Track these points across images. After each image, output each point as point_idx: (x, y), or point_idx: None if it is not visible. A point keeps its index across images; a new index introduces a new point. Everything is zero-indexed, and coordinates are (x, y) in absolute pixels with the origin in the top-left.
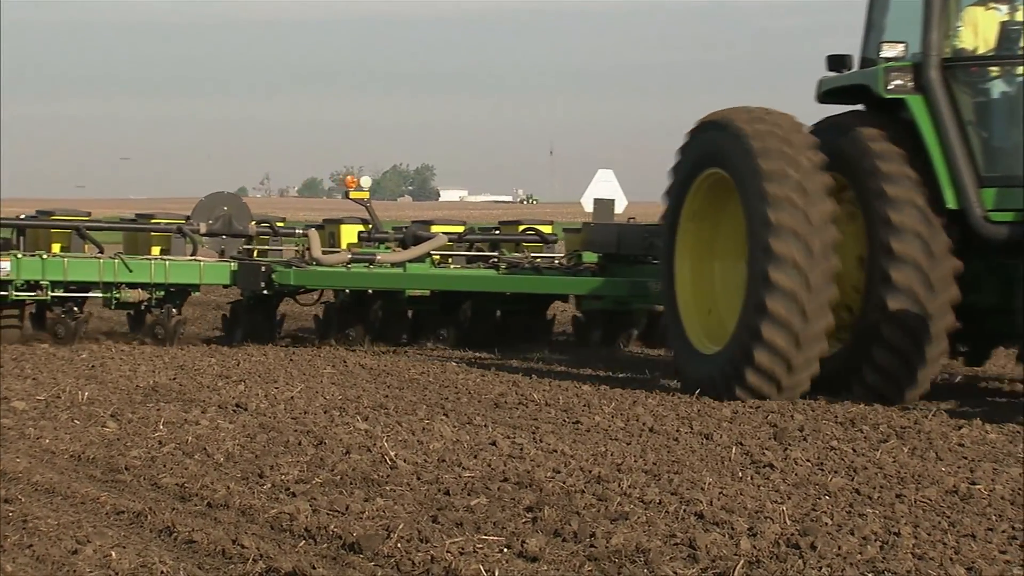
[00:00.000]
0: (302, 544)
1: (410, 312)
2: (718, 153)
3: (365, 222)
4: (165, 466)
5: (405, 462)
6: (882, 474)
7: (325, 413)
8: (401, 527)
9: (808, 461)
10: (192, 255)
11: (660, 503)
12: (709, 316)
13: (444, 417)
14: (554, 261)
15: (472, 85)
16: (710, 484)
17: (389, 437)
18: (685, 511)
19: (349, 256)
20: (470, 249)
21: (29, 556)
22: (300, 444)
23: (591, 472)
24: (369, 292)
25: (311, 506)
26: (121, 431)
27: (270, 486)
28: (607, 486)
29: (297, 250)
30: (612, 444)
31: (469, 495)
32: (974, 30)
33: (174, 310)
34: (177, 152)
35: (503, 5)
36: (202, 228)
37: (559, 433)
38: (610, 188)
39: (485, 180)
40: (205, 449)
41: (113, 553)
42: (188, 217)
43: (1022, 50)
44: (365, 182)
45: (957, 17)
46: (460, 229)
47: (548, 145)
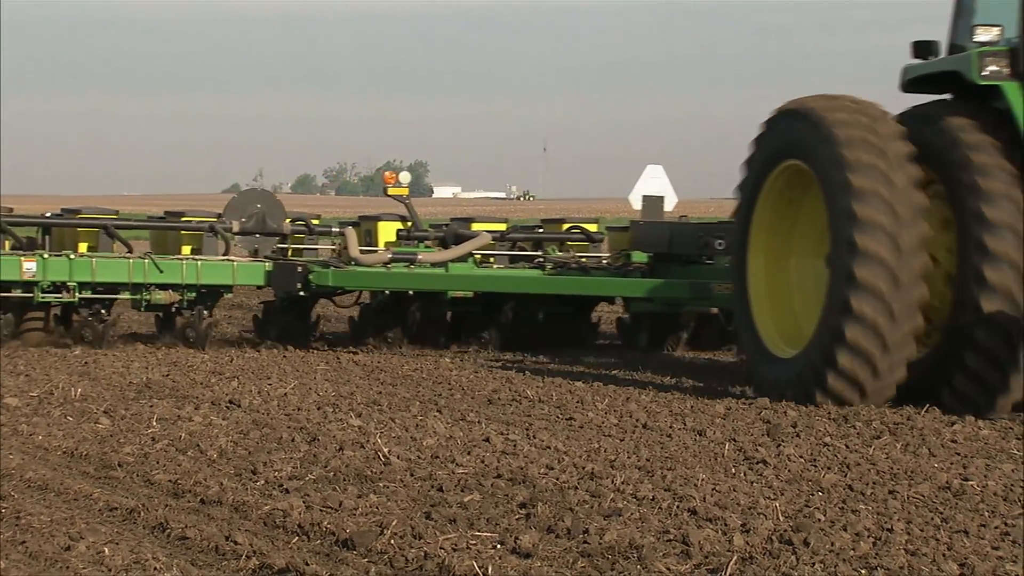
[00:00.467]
0: (295, 540)
1: (448, 314)
2: (798, 143)
3: (404, 219)
4: (158, 463)
5: (398, 458)
6: (875, 470)
7: (318, 409)
8: (394, 523)
9: (801, 457)
10: (224, 255)
11: (653, 499)
12: (785, 317)
13: (437, 413)
14: (601, 261)
15: (465, 82)
16: (703, 480)
17: (382, 433)
18: (678, 507)
19: (389, 256)
20: (513, 248)
21: (22, 553)
22: (293, 440)
23: (584, 468)
24: (410, 293)
25: (304, 502)
26: (114, 427)
27: (263, 482)
28: (600, 482)
29: (333, 249)
30: (605, 440)
31: (462, 491)
32: None
33: (205, 312)
34: (173, 149)
35: (498, 1)
36: (235, 226)
37: (552, 429)
38: (659, 184)
39: (478, 177)
40: (198, 446)
41: (106, 549)
42: (220, 215)
43: None
44: (404, 178)
45: None
46: (502, 227)
47: (541, 142)
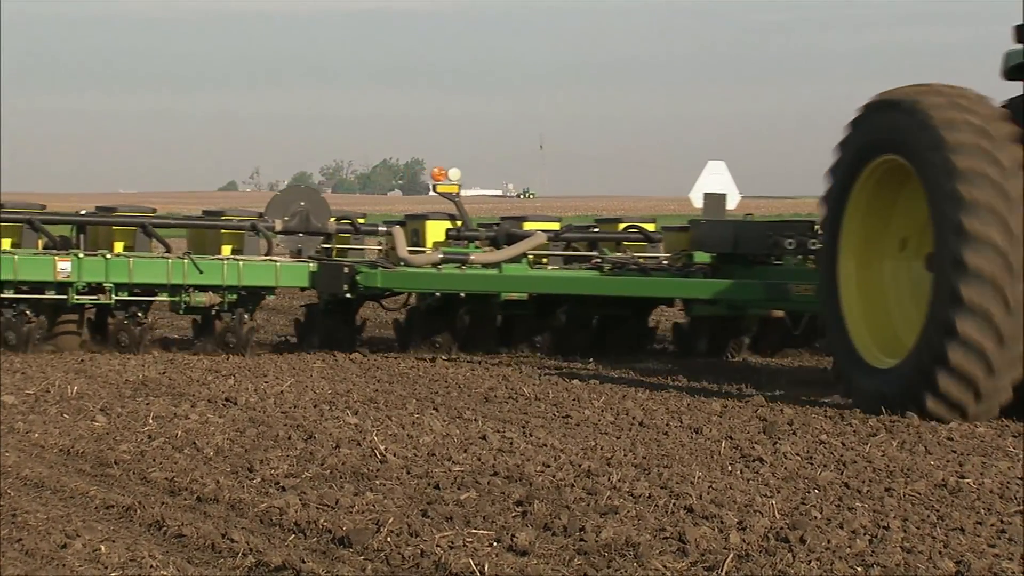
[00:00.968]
0: (292, 538)
1: (499, 317)
2: (897, 138)
3: (453, 218)
4: (155, 460)
5: (395, 456)
6: (871, 468)
7: (315, 407)
8: (391, 521)
9: (798, 455)
10: (266, 255)
11: (650, 497)
12: (880, 324)
13: (434, 411)
14: (660, 262)
15: (462, 79)
16: (700, 478)
17: (379, 431)
18: (675, 505)
19: (440, 256)
20: (567, 248)
21: (18, 550)
22: (290, 438)
23: (581, 466)
24: (461, 296)
25: (301, 500)
26: (110, 425)
27: (260, 480)
28: (597, 480)
29: (380, 249)
30: (602, 438)
31: (459, 489)
32: None
33: (246, 316)
34: (169, 147)
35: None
36: (278, 225)
37: (549, 427)
38: (721, 181)
39: (475, 174)
40: (195, 443)
41: (102, 547)
42: (262, 213)
43: None
44: (454, 174)
45: None
46: (556, 226)
47: (538, 140)
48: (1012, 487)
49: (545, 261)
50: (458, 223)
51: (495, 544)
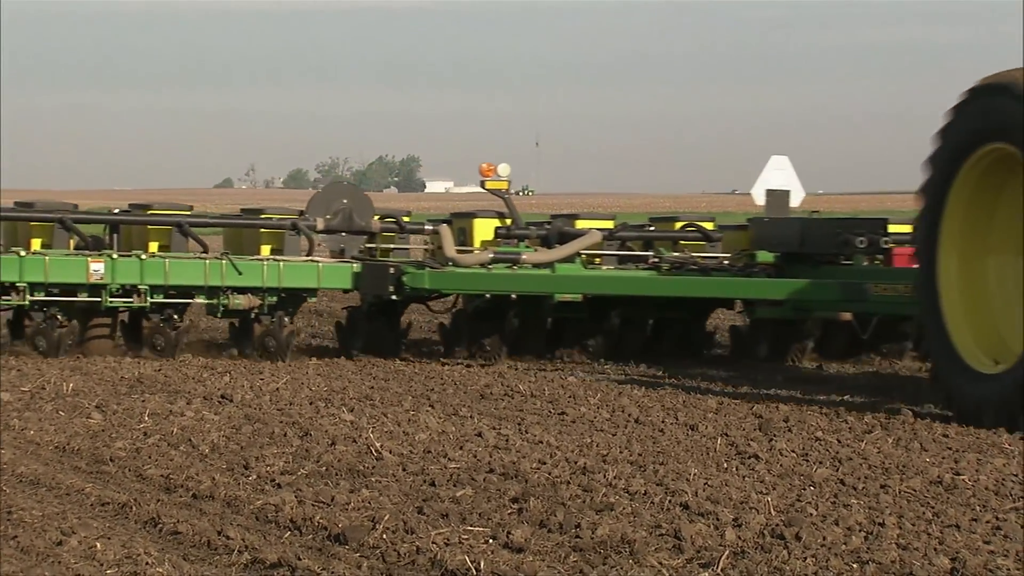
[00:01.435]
0: (287, 535)
1: (549, 320)
2: (1008, 125)
3: (502, 216)
4: (150, 457)
5: (391, 453)
6: (867, 465)
7: (310, 404)
8: (387, 518)
9: (793, 452)
10: (307, 255)
11: (645, 494)
12: (985, 325)
13: (430, 408)
14: (721, 261)
15: (457, 76)
16: (695, 475)
17: (375, 428)
18: (670, 502)
19: (491, 255)
20: (621, 247)
21: (14, 547)
22: (285, 435)
23: (577, 463)
24: (512, 297)
25: (296, 497)
26: (106, 422)
27: (255, 477)
28: (592, 477)
29: (426, 249)
30: (598, 435)
31: (455, 486)
32: None
33: (286, 319)
34: (164, 144)
35: None
36: (319, 224)
37: (545, 424)
38: (785, 177)
39: (471, 172)
40: (190, 440)
41: (98, 544)
42: (303, 212)
43: None
44: (503, 170)
45: None
46: (609, 224)
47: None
48: (1008, 484)
49: (598, 261)
50: (507, 221)
51: (491, 541)
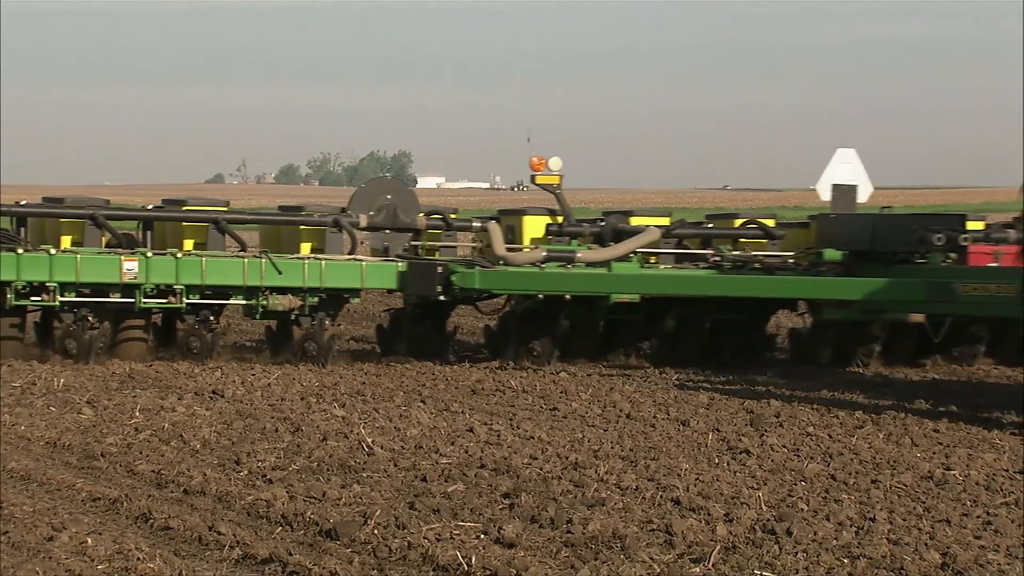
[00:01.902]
0: (279, 531)
1: (601, 322)
2: None
3: (553, 212)
4: (141, 453)
5: (382, 449)
6: (858, 460)
7: (302, 400)
8: (378, 514)
9: (784, 447)
10: (350, 253)
11: (637, 489)
12: None
13: (421, 404)
14: (785, 260)
15: (449, 72)
16: (687, 470)
17: (366, 424)
18: (662, 497)
19: (544, 253)
20: (679, 245)
21: (5, 543)
22: (277, 431)
23: (568, 458)
24: (565, 298)
25: (288, 493)
26: (97, 418)
27: (247, 473)
28: (584, 472)
29: (474, 247)
30: (589, 430)
31: (446, 481)
32: None
33: (328, 321)
34: (155, 138)
35: None
36: (362, 221)
37: (536, 420)
38: (851, 171)
39: (462, 167)
40: (181, 436)
41: (89, 539)
42: (344, 208)
43: None
44: (555, 164)
45: None
46: (666, 221)
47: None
48: (998, 479)
49: (654, 260)
50: (558, 218)
51: (482, 536)
